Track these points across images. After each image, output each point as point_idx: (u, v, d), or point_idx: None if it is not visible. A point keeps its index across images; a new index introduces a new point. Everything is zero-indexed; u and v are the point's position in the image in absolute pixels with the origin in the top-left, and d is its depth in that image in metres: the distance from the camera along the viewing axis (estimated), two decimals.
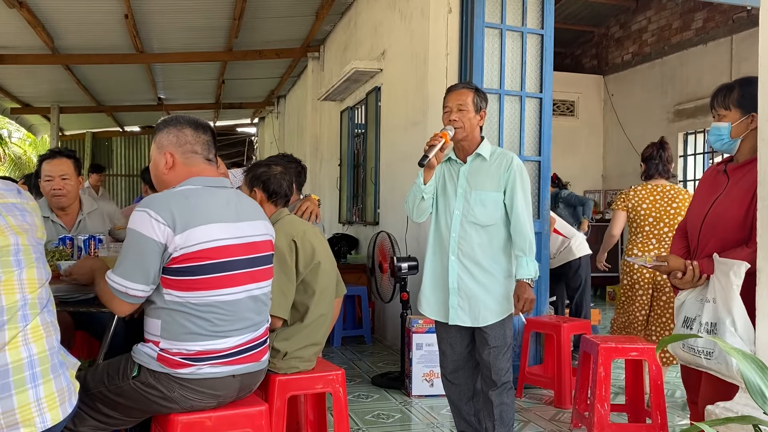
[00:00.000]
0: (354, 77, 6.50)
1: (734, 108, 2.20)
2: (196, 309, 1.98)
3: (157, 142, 2.14)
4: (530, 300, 2.69)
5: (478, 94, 2.80)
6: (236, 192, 2.25)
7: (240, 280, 2.07)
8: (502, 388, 2.74)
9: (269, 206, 2.72)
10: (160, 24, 7.75)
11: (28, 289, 1.63)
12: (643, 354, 3.27)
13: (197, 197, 2.03)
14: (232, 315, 2.04)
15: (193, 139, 2.12)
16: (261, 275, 2.17)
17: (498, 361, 2.73)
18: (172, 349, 1.98)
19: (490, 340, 2.73)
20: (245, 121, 15.06)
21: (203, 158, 2.14)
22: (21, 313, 1.59)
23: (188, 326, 1.98)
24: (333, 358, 5.18)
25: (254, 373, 2.16)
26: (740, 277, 1.99)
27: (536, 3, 4.59)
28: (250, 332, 2.11)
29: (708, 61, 8.14)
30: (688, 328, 2.17)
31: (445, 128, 2.72)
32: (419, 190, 2.75)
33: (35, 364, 1.58)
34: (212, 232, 2.00)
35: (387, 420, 3.68)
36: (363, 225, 6.87)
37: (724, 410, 1.85)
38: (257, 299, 2.15)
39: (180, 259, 1.95)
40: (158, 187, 2.19)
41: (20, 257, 1.63)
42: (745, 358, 1.22)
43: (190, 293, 1.97)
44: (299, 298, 2.62)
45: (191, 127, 2.14)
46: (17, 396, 1.54)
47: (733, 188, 2.20)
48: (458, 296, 2.76)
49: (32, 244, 1.69)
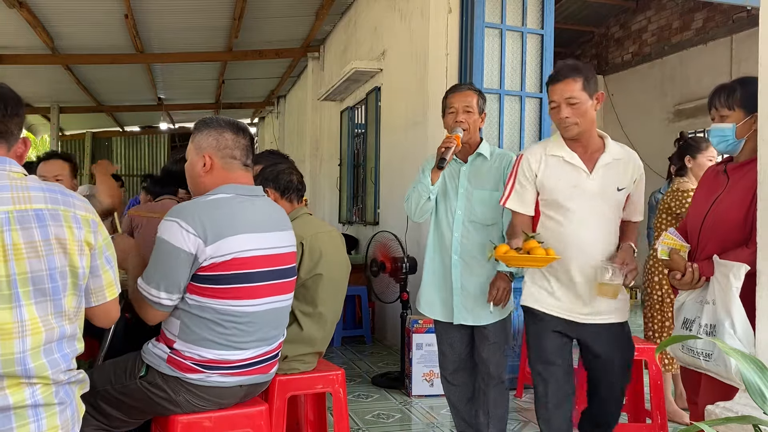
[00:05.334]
0: (354, 77, 6.50)
1: (738, 108, 2.19)
2: (218, 316, 1.97)
3: (195, 142, 2.10)
4: (502, 289, 2.68)
5: (481, 96, 2.83)
6: (268, 200, 2.22)
7: (263, 292, 2.05)
8: (499, 383, 2.77)
9: (284, 204, 2.67)
10: (160, 24, 7.75)
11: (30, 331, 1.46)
12: (643, 354, 3.27)
13: (228, 207, 2.00)
14: (251, 326, 2.02)
15: (233, 143, 2.08)
16: (284, 288, 2.15)
17: (497, 357, 2.77)
18: (185, 352, 1.97)
19: (490, 336, 2.75)
20: (245, 121, 15.06)
21: (241, 164, 2.10)
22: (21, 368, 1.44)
23: (206, 332, 1.96)
24: (333, 358, 5.18)
25: (261, 383, 2.17)
26: (740, 279, 1.99)
27: (536, 3, 4.60)
28: (265, 345, 2.10)
29: (708, 61, 8.14)
30: (688, 330, 2.17)
31: (455, 130, 2.72)
32: (426, 190, 2.73)
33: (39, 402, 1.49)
34: (242, 243, 1.98)
35: (387, 420, 3.68)
36: (363, 225, 6.87)
37: (724, 410, 1.85)
38: (278, 312, 2.13)
39: (208, 268, 1.93)
40: (193, 188, 2.14)
41: (17, 290, 1.44)
42: (744, 359, 1.22)
43: (215, 300, 1.96)
44: (296, 304, 2.55)
45: (232, 131, 2.09)
46: None
47: (733, 188, 2.19)
48: (462, 296, 2.77)
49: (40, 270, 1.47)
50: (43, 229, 1.48)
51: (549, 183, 2.48)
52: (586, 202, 2.43)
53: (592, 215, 2.43)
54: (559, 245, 2.40)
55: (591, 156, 2.47)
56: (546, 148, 2.53)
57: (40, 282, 1.47)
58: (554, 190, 2.47)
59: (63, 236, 1.51)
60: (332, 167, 8.31)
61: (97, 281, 1.63)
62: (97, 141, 15.75)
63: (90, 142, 15.51)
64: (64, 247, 1.51)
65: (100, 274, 1.63)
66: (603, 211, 2.45)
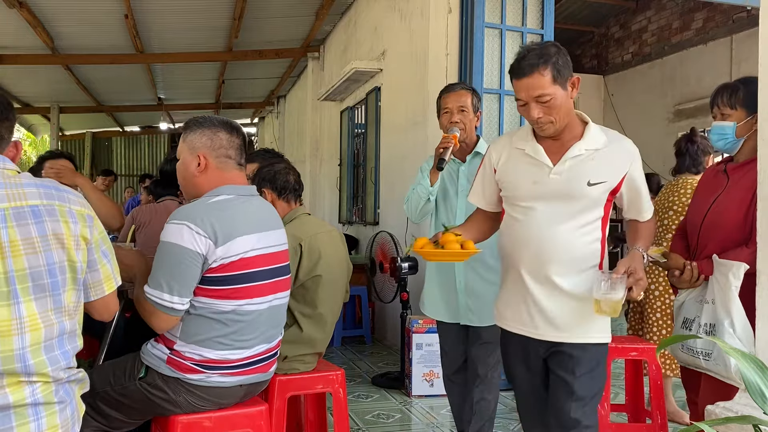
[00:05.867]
0: (354, 77, 6.50)
1: (740, 107, 2.20)
2: (223, 316, 1.97)
3: (188, 142, 2.07)
4: None
5: (475, 95, 2.81)
6: (262, 200, 2.22)
7: (264, 291, 2.05)
8: (487, 383, 2.74)
9: (281, 204, 2.66)
10: (160, 24, 7.75)
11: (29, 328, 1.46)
12: (643, 354, 3.27)
13: (233, 208, 2.00)
14: (253, 325, 2.03)
15: (227, 143, 2.07)
16: (282, 286, 2.16)
17: (487, 357, 2.73)
18: (185, 353, 1.96)
19: (483, 335, 2.72)
20: (245, 121, 15.05)
21: (236, 163, 2.09)
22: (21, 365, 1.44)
23: (209, 332, 1.96)
24: (333, 358, 5.18)
25: (261, 383, 2.17)
26: (739, 279, 1.99)
27: (536, 3, 4.59)
28: (265, 344, 2.10)
29: (708, 61, 8.13)
30: (687, 329, 2.17)
31: (452, 130, 2.71)
32: (426, 191, 2.72)
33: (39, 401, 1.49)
34: (247, 243, 1.98)
35: (387, 420, 3.68)
36: (363, 225, 6.86)
37: (724, 410, 1.85)
38: (277, 310, 2.14)
39: (217, 269, 1.93)
40: (186, 188, 2.12)
41: (15, 287, 1.44)
42: (744, 358, 1.21)
43: (219, 301, 1.96)
44: (296, 305, 2.56)
45: (226, 130, 2.08)
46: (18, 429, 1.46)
47: (733, 188, 2.19)
48: (467, 296, 2.74)
49: (38, 266, 1.46)
50: (39, 225, 1.48)
51: (507, 178, 2.17)
52: (548, 201, 2.06)
53: (555, 215, 2.05)
54: (516, 249, 2.11)
55: (562, 146, 2.10)
56: (512, 139, 2.22)
57: (39, 278, 1.47)
58: (513, 186, 2.15)
59: (60, 231, 1.50)
60: (332, 167, 8.31)
61: (95, 275, 1.63)
62: (97, 141, 15.76)
63: (90, 142, 15.52)
64: (62, 242, 1.51)
65: (98, 268, 1.63)
66: (571, 211, 2.05)
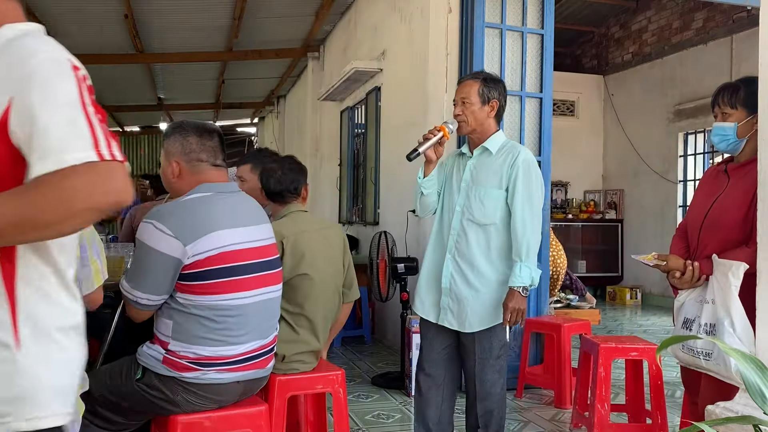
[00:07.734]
0: (354, 77, 6.50)
1: (741, 107, 2.19)
2: (209, 312, 1.98)
3: (165, 149, 2.15)
4: (517, 310, 2.48)
5: (486, 84, 2.63)
6: (245, 196, 2.25)
7: (253, 284, 2.07)
8: (490, 398, 2.58)
9: (273, 204, 2.70)
10: (160, 24, 7.74)
11: None
12: (643, 354, 3.27)
13: (205, 205, 2.03)
14: (243, 320, 2.03)
15: (197, 146, 2.11)
16: (271, 279, 2.17)
17: (484, 373, 2.57)
18: (180, 352, 1.97)
19: (475, 348, 2.58)
20: (245, 120, 15.06)
21: (210, 164, 2.13)
22: None
23: (200, 330, 1.98)
24: (333, 358, 5.18)
25: (258, 379, 2.17)
26: (739, 278, 1.99)
27: (536, 3, 4.59)
28: (260, 339, 2.11)
29: (708, 61, 8.14)
30: (688, 329, 2.17)
31: (445, 122, 2.65)
32: (418, 184, 2.70)
33: None
34: (223, 238, 2.01)
35: (387, 420, 3.68)
36: (363, 225, 6.86)
37: (724, 410, 1.85)
38: (268, 304, 2.15)
39: (192, 265, 1.96)
40: (170, 192, 2.23)
41: None
42: (744, 358, 1.21)
43: (204, 297, 1.98)
44: (283, 303, 2.50)
45: (196, 134, 2.12)
46: None
47: (734, 188, 2.19)
48: (449, 297, 2.62)
49: None
50: None
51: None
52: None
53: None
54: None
55: None
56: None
57: None
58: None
59: None
60: (332, 167, 8.31)
61: (85, 271, 1.70)
62: None
63: None
64: None
65: (89, 264, 1.70)
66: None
